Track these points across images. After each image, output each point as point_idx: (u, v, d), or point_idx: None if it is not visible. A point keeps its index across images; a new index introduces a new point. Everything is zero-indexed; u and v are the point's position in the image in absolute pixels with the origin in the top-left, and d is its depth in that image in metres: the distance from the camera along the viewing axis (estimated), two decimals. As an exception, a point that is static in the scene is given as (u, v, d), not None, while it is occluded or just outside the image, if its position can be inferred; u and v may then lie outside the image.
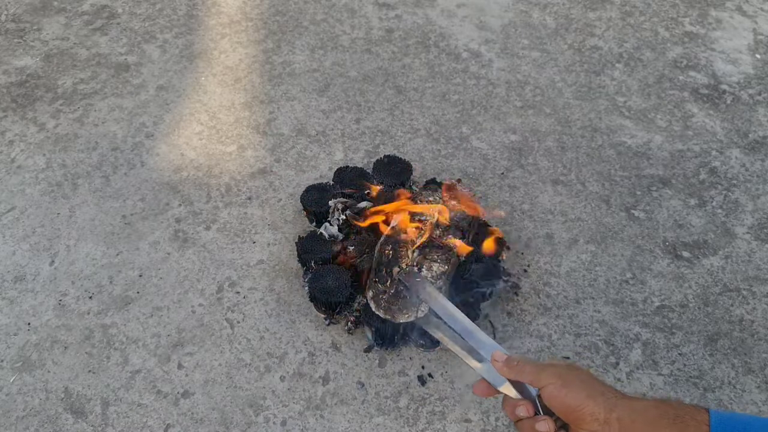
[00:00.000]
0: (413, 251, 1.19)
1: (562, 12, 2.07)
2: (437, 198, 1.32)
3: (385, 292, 1.15)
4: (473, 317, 1.21)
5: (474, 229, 1.30)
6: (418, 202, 1.31)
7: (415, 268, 1.17)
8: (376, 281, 1.17)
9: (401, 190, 1.35)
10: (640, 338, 1.23)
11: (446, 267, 1.18)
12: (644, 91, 1.79)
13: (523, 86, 1.80)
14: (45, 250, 1.39)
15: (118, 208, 1.48)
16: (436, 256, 1.19)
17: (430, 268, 1.17)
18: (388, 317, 1.15)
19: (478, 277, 1.25)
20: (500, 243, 1.29)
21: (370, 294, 1.18)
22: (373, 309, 1.16)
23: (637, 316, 1.26)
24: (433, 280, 1.16)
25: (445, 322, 0.88)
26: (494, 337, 1.22)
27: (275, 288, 1.32)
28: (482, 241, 1.28)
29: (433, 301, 0.93)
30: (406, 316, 1.15)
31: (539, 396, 0.73)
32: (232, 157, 1.60)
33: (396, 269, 1.16)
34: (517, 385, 0.76)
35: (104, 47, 1.94)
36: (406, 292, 1.12)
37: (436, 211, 1.25)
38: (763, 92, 1.78)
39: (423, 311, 1.15)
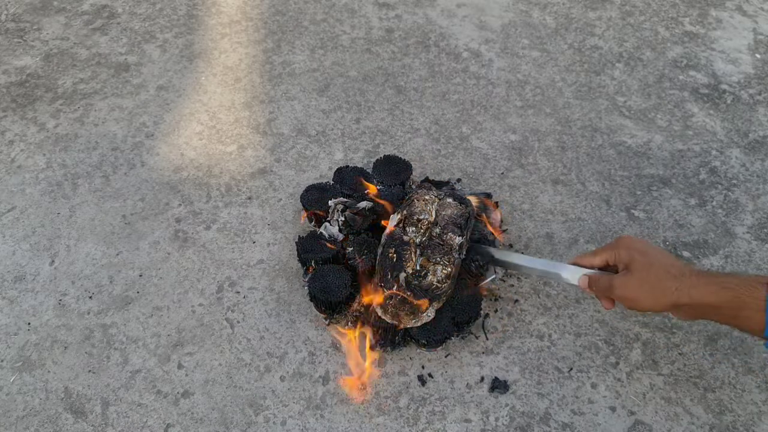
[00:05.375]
0: (416, 253, 1.18)
1: (562, 12, 2.07)
2: (433, 197, 1.31)
3: (391, 297, 1.15)
4: (474, 317, 1.21)
5: (471, 226, 1.29)
6: (415, 200, 1.30)
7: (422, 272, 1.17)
8: (382, 286, 1.17)
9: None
10: (640, 338, 1.23)
11: (450, 269, 1.17)
12: (644, 90, 1.79)
13: (523, 86, 1.80)
14: (45, 250, 1.39)
15: (118, 208, 1.48)
16: (439, 258, 1.18)
17: (435, 273, 1.16)
18: (395, 323, 1.14)
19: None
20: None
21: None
22: (380, 314, 1.15)
23: (637, 316, 1.26)
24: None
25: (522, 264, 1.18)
26: (486, 338, 1.22)
27: (275, 288, 1.32)
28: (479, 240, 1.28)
29: (508, 257, 1.22)
30: (414, 321, 1.14)
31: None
32: (232, 157, 1.60)
33: (402, 275, 1.15)
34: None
35: (104, 47, 1.94)
36: (480, 259, 1.26)
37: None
38: (763, 92, 1.78)
39: (429, 316, 1.15)
